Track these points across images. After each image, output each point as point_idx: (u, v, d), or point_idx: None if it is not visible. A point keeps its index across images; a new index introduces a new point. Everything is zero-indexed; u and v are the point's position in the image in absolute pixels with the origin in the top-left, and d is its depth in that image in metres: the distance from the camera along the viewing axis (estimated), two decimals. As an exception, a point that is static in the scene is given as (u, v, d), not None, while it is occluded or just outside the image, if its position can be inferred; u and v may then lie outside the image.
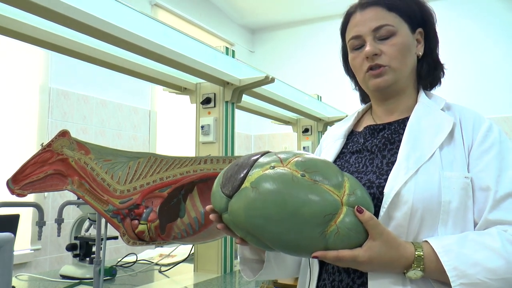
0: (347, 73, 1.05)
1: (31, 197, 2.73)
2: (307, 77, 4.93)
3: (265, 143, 5.42)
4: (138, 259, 2.18)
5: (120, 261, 2.15)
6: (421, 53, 0.94)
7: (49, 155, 1.21)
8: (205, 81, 2.04)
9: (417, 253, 0.75)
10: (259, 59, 5.50)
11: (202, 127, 2.02)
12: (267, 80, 2.03)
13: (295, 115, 3.16)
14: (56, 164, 1.22)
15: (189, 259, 2.11)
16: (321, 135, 3.18)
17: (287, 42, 5.42)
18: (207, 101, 2.04)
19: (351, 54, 0.94)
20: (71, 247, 1.92)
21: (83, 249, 1.92)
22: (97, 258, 1.32)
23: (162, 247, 2.46)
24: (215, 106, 2.03)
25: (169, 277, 1.89)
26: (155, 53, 1.64)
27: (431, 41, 0.96)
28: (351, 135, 1.01)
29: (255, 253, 0.95)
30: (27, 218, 2.80)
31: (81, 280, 1.78)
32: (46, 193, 2.91)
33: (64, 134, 1.24)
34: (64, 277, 1.85)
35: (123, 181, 1.27)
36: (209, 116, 2.04)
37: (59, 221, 1.73)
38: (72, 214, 2.86)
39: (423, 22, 0.94)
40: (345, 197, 0.75)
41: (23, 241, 2.80)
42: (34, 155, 1.20)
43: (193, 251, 2.07)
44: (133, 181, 1.28)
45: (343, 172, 0.81)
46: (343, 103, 3.30)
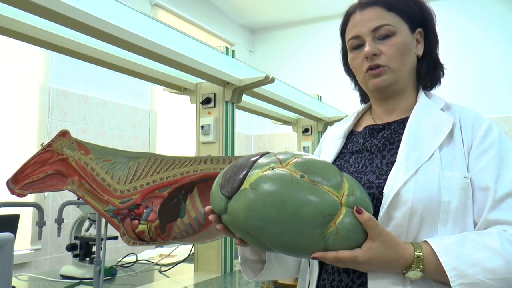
0: (347, 73, 1.05)
1: (31, 197, 2.73)
2: (307, 77, 4.93)
3: (265, 143, 5.41)
4: (138, 259, 2.18)
5: (120, 261, 2.15)
6: (420, 53, 0.94)
7: (49, 155, 1.21)
8: (205, 81, 2.04)
9: (417, 253, 0.75)
10: (259, 59, 5.49)
11: (202, 127, 2.02)
12: (267, 80, 2.03)
13: (295, 115, 3.16)
14: (56, 164, 1.22)
15: (189, 259, 2.11)
16: (321, 135, 3.17)
17: (287, 42, 5.42)
18: (207, 101, 2.04)
19: (351, 54, 0.94)
20: (71, 247, 1.92)
21: (83, 249, 1.92)
22: (97, 258, 1.32)
23: (162, 247, 2.46)
24: (215, 106, 2.03)
25: (169, 277, 1.89)
26: (155, 53, 1.64)
27: (431, 41, 0.95)
28: (351, 135, 1.01)
29: (255, 253, 0.95)
30: (27, 218, 2.80)
31: (81, 280, 1.78)
32: (46, 193, 2.91)
33: (64, 134, 1.24)
34: (64, 277, 1.85)
35: (123, 181, 1.28)
36: (209, 116, 2.04)
37: (59, 221, 1.73)
38: (72, 214, 2.86)
39: (422, 22, 0.94)
40: (344, 198, 0.75)
41: (23, 241, 2.80)
42: (34, 155, 1.20)
43: (193, 251, 2.07)
44: (133, 181, 1.29)
45: (342, 172, 0.81)
46: (343, 103, 3.30)
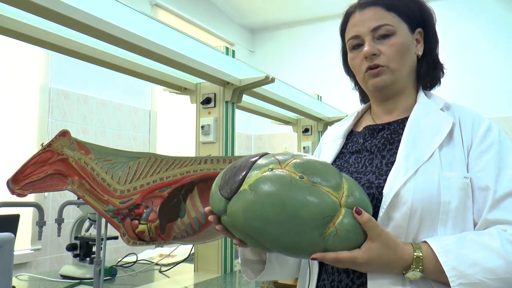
0: (347, 73, 1.05)
1: (31, 197, 2.73)
2: (307, 77, 4.93)
3: (265, 143, 5.41)
4: (138, 259, 2.18)
5: (120, 261, 2.15)
6: (420, 53, 0.94)
7: (49, 155, 1.21)
8: (205, 81, 2.04)
9: (416, 254, 0.75)
10: (259, 59, 5.50)
11: (202, 127, 2.02)
12: (267, 80, 2.03)
13: (295, 115, 3.16)
14: (56, 164, 1.22)
15: (189, 259, 2.11)
16: (321, 135, 3.17)
17: (287, 42, 5.42)
18: (207, 101, 2.04)
19: (350, 54, 0.94)
20: (71, 247, 1.92)
21: (83, 249, 1.92)
22: (97, 258, 1.32)
23: (162, 247, 2.46)
24: (215, 106, 2.03)
25: (169, 277, 1.89)
26: (155, 53, 1.64)
27: (431, 41, 0.95)
28: (351, 135, 1.01)
29: (256, 254, 0.95)
30: (27, 218, 2.80)
31: (81, 280, 1.78)
32: (46, 193, 2.91)
33: (64, 134, 1.24)
34: (64, 277, 1.85)
35: (123, 181, 1.28)
36: (209, 116, 2.04)
37: (59, 221, 1.73)
38: (72, 214, 2.86)
39: (422, 22, 0.94)
40: (343, 199, 0.74)
41: (23, 241, 2.80)
42: (34, 155, 1.20)
43: (193, 251, 2.07)
44: (133, 181, 1.29)
45: (342, 173, 0.81)
46: (343, 103, 3.30)
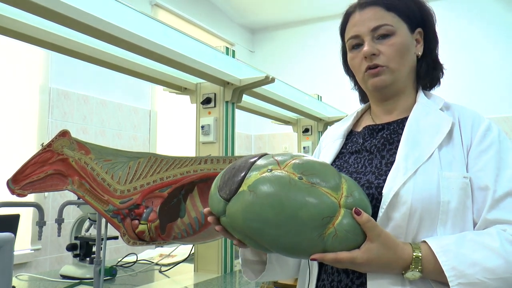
0: (347, 72, 1.04)
1: (31, 197, 2.73)
2: (307, 77, 4.93)
3: (265, 143, 5.41)
4: (138, 259, 2.18)
5: (120, 261, 2.15)
6: (420, 53, 0.94)
7: (50, 155, 1.21)
8: (205, 81, 2.04)
9: (415, 254, 0.75)
10: (259, 59, 5.50)
11: (202, 127, 2.02)
12: (267, 80, 2.03)
13: (295, 115, 3.16)
14: (56, 164, 1.22)
15: (189, 259, 2.11)
16: (322, 135, 3.17)
17: (287, 42, 5.42)
18: (207, 101, 2.04)
19: (350, 53, 0.94)
20: (71, 247, 1.92)
21: (83, 249, 1.92)
22: (97, 258, 1.32)
23: (162, 247, 2.46)
24: (215, 106, 2.03)
25: (169, 277, 1.90)
26: (155, 53, 1.64)
27: (431, 41, 0.95)
28: (350, 135, 1.01)
29: (256, 254, 0.95)
30: (27, 218, 2.80)
31: (81, 280, 1.78)
32: (46, 193, 2.91)
33: (64, 134, 1.24)
34: (64, 277, 1.85)
35: (124, 181, 1.28)
36: (209, 116, 2.04)
37: (59, 221, 1.73)
38: (72, 214, 2.86)
39: (422, 22, 0.94)
40: (342, 199, 0.74)
41: (23, 241, 2.80)
42: (34, 155, 1.20)
43: (193, 251, 2.07)
44: (133, 181, 1.29)
45: (341, 173, 0.81)
46: (343, 103, 3.30)
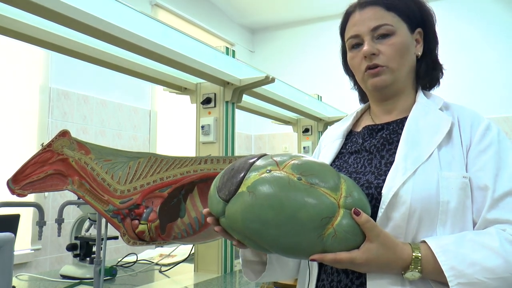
0: (346, 72, 1.04)
1: (31, 197, 2.73)
2: (307, 77, 4.93)
3: (265, 143, 5.41)
4: (138, 259, 2.18)
5: (120, 261, 2.15)
6: (420, 53, 0.94)
7: (50, 155, 1.22)
8: (205, 81, 2.04)
9: (415, 254, 0.75)
10: (259, 59, 5.50)
11: (202, 127, 2.02)
12: (267, 80, 2.03)
13: (295, 115, 3.16)
14: (56, 164, 1.22)
15: (189, 259, 2.11)
16: (322, 135, 3.17)
17: (287, 42, 5.42)
18: (207, 101, 2.04)
19: (350, 53, 0.94)
20: (71, 247, 1.92)
21: (83, 249, 1.92)
22: (97, 258, 1.32)
23: (162, 247, 2.46)
24: (215, 106, 2.03)
25: (169, 277, 1.90)
26: (155, 53, 1.64)
27: (431, 41, 0.95)
28: (350, 135, 1.01)
29: (256, 254, 0.95)
30: (27, 218, 2.80)
31: (81, 280, 1.78)
32: (46, 193, 2.91)
33: (64, 134, 1.24)
34: (64, 277, 1.85)
35: (124, 181, 1.28)
36: (209, 116, 2.04)
37: (60, 221, 1.73)
38: (72, 214, 2.86)
39: (422, 22, 0.94)
40: (342, 200, 0.74)
41: (23, 241, 2.81)
42: (34, 155, 1.20)
43: (193, 251, 2.07)
44: (133, 181, 1.29)
45: (340, 173, 0.81)
46: (343, 103, 3.30)
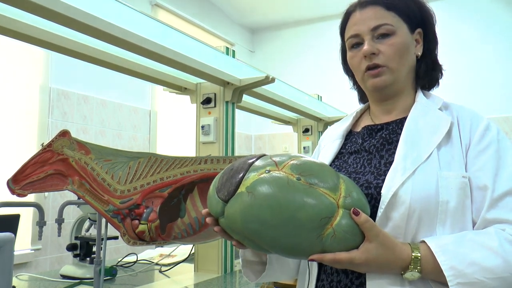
0: (346, 72, 1.04)
1: (31, 197, 2.73)
2: (307, 77, 4.93)
3: (265, 143, 5.41)
4: (138, 259, 2.18)
5: (120, 261, 2.15)
6: (420, 53, 0.94)
7: (50, 155, 1.22)
8: (205, 81, 2.04)
9: (414, 254, 0.75)
10: (259, 59, 5.50)
11: (202, 127, 2.02)
12: (268, 80, 2.03)
13: (295, 115, 3.16)
14: (56, 164, 1.22)
15: (189, 259, 2.11)
16: (322, 135, 3.16)
17: (287, 42, 5.41)
18: (207, 101, 2.04)
19: (350, 52, 0.94)
20: (71, 247, 1.92)
21: (83, 249, 1.92)
22: (97, 258, 1.32)
23: (162, 247, 2.46)
24: (215, 106, 2.03)
25: (169, 277, 1.90)
26: (155, 53, 1.64)
27: (430, 41, 0.95)
28: (349, 135, 1.01)
29: (256, 255, 0.95)
30: (27, 218, 2.80)
31: (81, 280, 1.78)
32: (46, 193, 2.91)
33: (64, 134, 1.24)
34: (64, 277, 1.85)
35: (124, 181, 1.28)
36: (209, 116, 2.04)
37: (60, 221, 1.73)
38: (72, 214, 2.86)
39: (422, 22, 0.94)
40: (341, 200, 0.74)
41: (23, 241, 2.81)
42: (34, 155, 1.20)
43: (193, 251, 2.07)
44: (133, 181, 1.29)
45: (339, 173, 0.81)
46: (343, 103, 3.29)
